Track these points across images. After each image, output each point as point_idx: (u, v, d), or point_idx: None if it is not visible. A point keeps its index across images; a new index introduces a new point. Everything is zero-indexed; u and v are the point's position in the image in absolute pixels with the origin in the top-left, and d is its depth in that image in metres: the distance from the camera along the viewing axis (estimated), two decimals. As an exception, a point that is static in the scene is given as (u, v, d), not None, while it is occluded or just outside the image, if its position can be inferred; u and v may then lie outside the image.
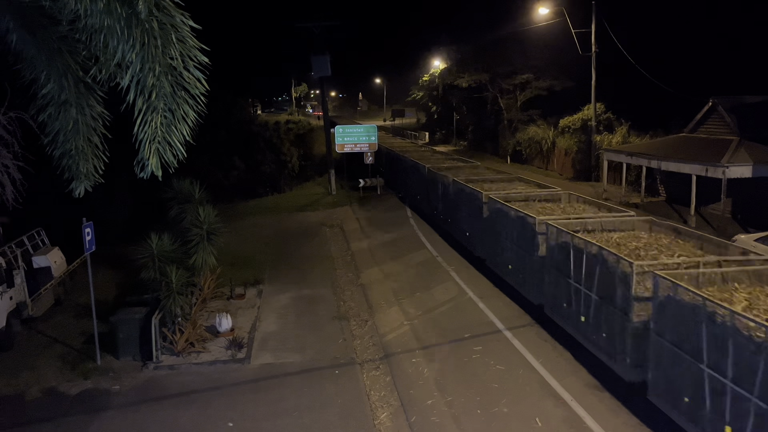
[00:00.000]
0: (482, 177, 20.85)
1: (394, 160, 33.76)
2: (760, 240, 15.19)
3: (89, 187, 8.66)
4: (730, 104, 22.52)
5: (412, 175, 27.72)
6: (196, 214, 14.12)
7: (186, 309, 12.84)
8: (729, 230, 18.80)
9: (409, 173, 28.84)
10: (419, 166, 26.03)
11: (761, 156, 19.76)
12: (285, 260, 19.68)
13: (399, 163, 32.08)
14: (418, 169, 26.18)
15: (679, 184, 23.99)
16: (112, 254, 18.85)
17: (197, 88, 7.08)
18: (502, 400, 10.00)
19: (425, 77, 65.21)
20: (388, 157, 36.19)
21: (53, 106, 8.28)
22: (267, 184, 35.08)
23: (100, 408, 10.40)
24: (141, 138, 7.04)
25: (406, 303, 15.14)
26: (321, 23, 32.47)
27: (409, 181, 28.79)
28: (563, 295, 11.68)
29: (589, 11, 31.05)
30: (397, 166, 32.89)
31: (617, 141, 30.79)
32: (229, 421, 9.82)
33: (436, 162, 26.85)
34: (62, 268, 16.18)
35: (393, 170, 34.20)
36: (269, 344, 12.82)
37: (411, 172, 28.15)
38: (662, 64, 30.38)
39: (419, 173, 26.01)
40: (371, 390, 10.76)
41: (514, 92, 45.72)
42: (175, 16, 6.77)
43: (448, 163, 26.79)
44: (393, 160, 34.31)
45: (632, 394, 9.50)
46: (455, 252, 19.44)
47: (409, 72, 77.03)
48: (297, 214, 28.03)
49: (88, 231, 12.05)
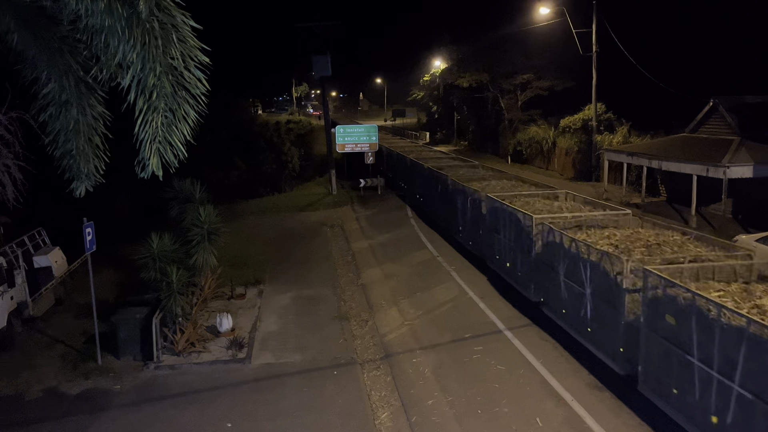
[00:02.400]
0: (482, 177, 20.92)
1: (395, 160, 33.78)
2: (761, 240, 15.17)
3: (90, 187, 8.66)
4: (731, 104, 22.49)
5: (413, 175, 27.72)
6: (196, 214, 14.12)
7: (187, 309, 12.83)
8: (730, 230, 18.79)
9: (409, 173, 28.84)
10: (420, 167, 26.02)
11: (762, 156, 19.74)
12: (285, 260, 19.69)
13: (400, 163, 32.09)
14: (419, 168, 26.18)
15: (679, 184, 23.97)
16: (112, 254, 18.86)
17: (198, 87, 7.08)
18: (503, 400, 10.00)
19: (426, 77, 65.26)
20: (388, 157, 36.21)
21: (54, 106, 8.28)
22: (268, 184, 35.10)
23: (101, 408, 10.41)
24: (142, 138, 7.04)
25: (406, 303, 15.14)
26: (321, 23, 32.48)
27: (410, 180, 28.79)
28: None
29: (589, 11, 31.06)
30: (397, 166, 32.90)
31: (618, 141, 30.78)
32: (229, 421, 9.82)
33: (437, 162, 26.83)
34: (63, 268, 16.18)
35: (394, 170, 34.21)
36: (270, 344, 12.82)
37: (412, 172, 28.15)
38: (663, 64, 30.38)
39: (420, 173, 26.00)
40: (372, 390, 10.76)
41: (515, 92, 45.71)
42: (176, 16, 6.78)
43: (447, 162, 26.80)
44: (394, 160, 34.32)
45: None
46: (456, 252, 19.44)
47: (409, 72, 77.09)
48: (298, 214, 28.04)
49: (89, 231, 12.05)
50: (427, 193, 24.60)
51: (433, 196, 23.32)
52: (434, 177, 23.03)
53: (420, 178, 26.04)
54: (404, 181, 30.70)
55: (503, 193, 16.98)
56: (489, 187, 18.49)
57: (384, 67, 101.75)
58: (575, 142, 34.77)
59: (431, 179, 23.63)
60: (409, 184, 29.26)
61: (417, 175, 26.67)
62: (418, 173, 26.29)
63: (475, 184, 18.84)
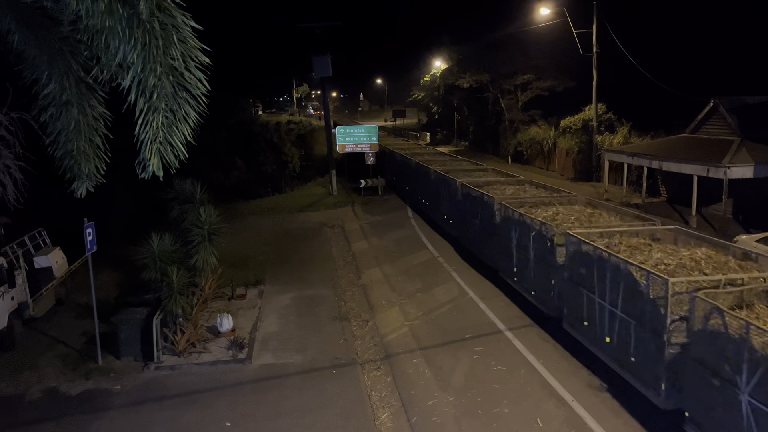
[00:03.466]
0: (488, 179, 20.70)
1: (395, 160, 33.77)
2: (761, 240, 15.16)
3: (91, 187, 8.65)
4: (731, 104, 22.49)
5: (414, 175, 27.70)
6: (197, 214, 14.12)
7: (187, 309, 12.84)
8: (730, 231, 18.79)
9: (410, 174, 28.83)
10: (420, 167, 26.00)
11: (763, 156, 19.73)
12: (286, 261, 19.69)
13: (400, 164, 32.08)
14: (420, 169, 26.16)
15: (680, 185, 23.97)
16: (113, 255, 18.85)
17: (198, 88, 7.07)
18: (503, 400, 9.99)
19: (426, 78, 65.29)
20: (389, 158, 36.20)
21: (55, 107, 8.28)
22: (268, 184, 35.07)
23: (101, 408, 10.41)
24: (142, 138, 7.04)
25: (407, 303, 15.14)
26: (322, 24, 32.50)
27: (411, 181, 28.77)
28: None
29: (590, 11, 31.07)
30: (398, 167, 32.89)
31: (618, 141, 30.79)
32: (229, 421, 9.82)
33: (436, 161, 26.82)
34: (64, 269, 16.18)
35: (394, 171, 34.21)
36: (270, 344, 12.82)
37: (412, 172, 28.13)
38: (663, 65, 30.37)
39: (420, 173, 25.98)
40: (372, 390, 10.76)
41: (515, 92, 45.72)
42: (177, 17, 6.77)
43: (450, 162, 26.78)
44: (394, 160, 34.32)
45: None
46: (456, 252, 19.43)
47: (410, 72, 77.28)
48: (298, 215, 28.04)
49: (90, 231, 12.06)
50: (435, 198, 23.20)
51: (443, 202, 21.85)
52: (441, 179, 21.91)
53: (421, 178, 25.96)
54: (405, 182, 30.68)
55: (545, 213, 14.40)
56: (509, 192, 17.45)
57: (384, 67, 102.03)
58: (576, 142, 34.78)
59: (441, 183, 22.50)
60: (409, 184, 29.22)
61: (418, 175, 26.61)
62: (419, 174, 26.23)
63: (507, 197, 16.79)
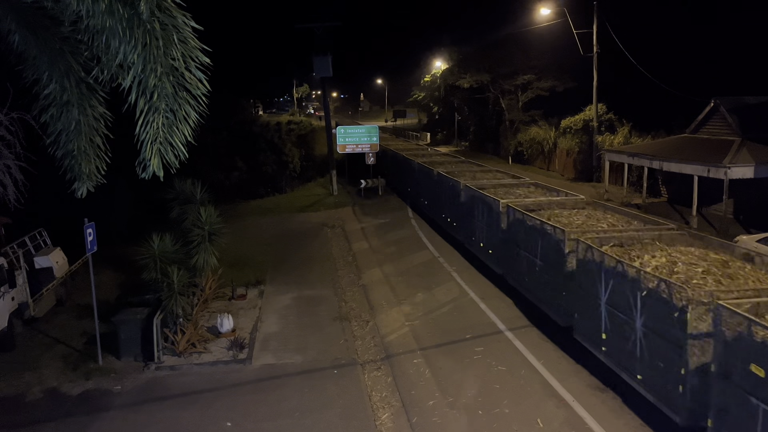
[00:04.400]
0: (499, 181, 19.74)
1: (396, 160, 33.78)
2: (762, 241, 15.16)
3: (91, 187, 8.67)
4: (731, 105, 22.48)
5: (414, 175, 27.70)
6: (197, 214, 14.12)
7: (187, 309, 12.84)
8: (731, 231, 18.77)
9: (410, 174, 28.83)
10: (421, 167, 26.00)
11: (763, 156, 19.72)
12: (286, 261, 19.68)
13: (400, 164, 32.08)
14: (420, 169, 26.16)
15: (680, 185, 23.96)
16: (113, 255, 18.86)
17: (199, 88, 7.08)
18: (504, 401, 9.99)
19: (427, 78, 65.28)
20: (389, 158, 36.20)
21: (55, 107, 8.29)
22: (268, 184, 35.07)
23: (102, 408, 10.41)
24: (143, 138, 7.05)
25: (407, 304, 15.14)
26: (322, 24, 32.51)
27: (411, 181, 28.77)
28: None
29: (590, 12, 31.05)
30: (398, 167, 32.89)
31: (619, 141, 30.77)
32: (229, 421, 9.82)
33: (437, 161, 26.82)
34: (64, 269, 16.19)
35: (394, 171, 34.21)
36: (271, 345, 12.82)
37: (413, 172, 28.13)
38: (664, 65, 30.35)
39: (421, 173, 25.98)
40: (373, 391, 10.75)
41: (516, 93, 45.73)
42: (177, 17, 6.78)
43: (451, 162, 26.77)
44: (394, 160, 34.32)
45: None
46: (456, 253, 19.43)
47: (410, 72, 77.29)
48: (298, 215, 28.04)
49: (90, 231, 12.06)
50: (438, 200, 22.61)
51: (447, 207, 21.04)
52: (449, 186, 20.76)
53: (421, 178, 25.96)
54: (405, 182, 30.67)
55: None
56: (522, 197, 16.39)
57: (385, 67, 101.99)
58: (576, 142, 34.77)
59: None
60: (410, 184, 29.21)
61: (418, 175, 26.60)
62: (420, 174, 26.23)
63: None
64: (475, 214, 17.65)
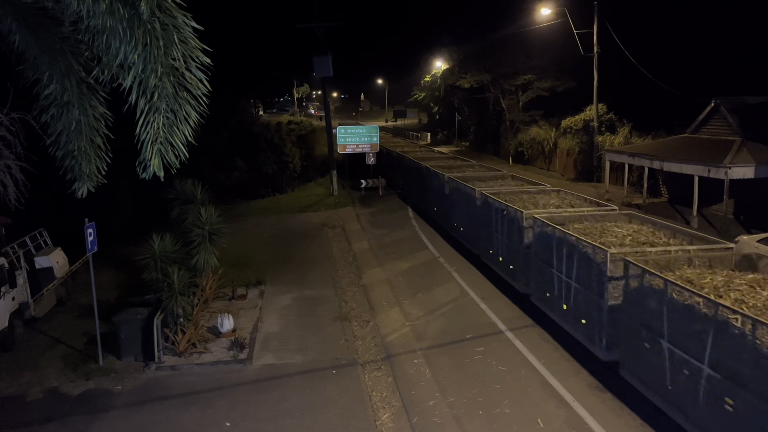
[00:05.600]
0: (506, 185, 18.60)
1: (396, 160, 33.77)
2: (762, 241, 15.14)
3: (92, 187, 8.67)
4: (732, 105, 22.48)
5: (414, 175, 27.70)
6: (197, 214, 14.13)
7: (188, 309, 12.84)
8: (731, 231, 18.77)
9: (411, 174, 28.82)
10: (421, 167, 25.99)
11: (764, 157, 19.72)
12: (287, 261, 19.69)
13: (401, 164, 32.08)
14: (420, 170, 26.15)
15: (681, 185, 23.95)
16: (114, 255, 18.87)
17: (199, 88, 7.08)
18: (504, 401, 9.99)
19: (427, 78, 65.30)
20: (389, 158, 36.21)
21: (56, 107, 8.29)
22: (269, 184, 35.06)
23: (102, 408, 10.41)
24: (143, 139, 7.05)
25: (407, 304, 15.14)
26: (323, 24, 32.49)
27: (411, 181, 28.77)
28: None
29: (591, 12, 31.06)
30: (398, 167, 32.89)
31: (619, 142, 30.78)
32: (230, 421, 9.82)
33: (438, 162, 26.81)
34: (64, 269, 16.20)
35: (395, 171, 34.21)
36: (271, 345, 12.83)
37: (413, 172, 28.13)
38: (664, 65, 30.36)
39: (421, 174, 25.98)
40: (373, 391, 10.75)
41: (516, 93, 45.74)
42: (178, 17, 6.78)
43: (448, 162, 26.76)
44: (395, 160, 34.32)
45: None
46: (457, 253, 19.43)
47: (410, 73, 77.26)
48: (299, 215, 28.05)
49: (90, 232, 12.07)
50: (448, 208, 21.15)
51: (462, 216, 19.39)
52: (462, 192, 19.08)
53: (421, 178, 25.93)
54: (405, 182, 30.64)
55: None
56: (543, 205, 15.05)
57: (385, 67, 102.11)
58: (576, 142, 34.78)
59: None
60: (410, 185, 29.18)
61: (418, 175, 26.59)
62: (420, 174, 26.21)
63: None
64: (493, 225, 15.86)
